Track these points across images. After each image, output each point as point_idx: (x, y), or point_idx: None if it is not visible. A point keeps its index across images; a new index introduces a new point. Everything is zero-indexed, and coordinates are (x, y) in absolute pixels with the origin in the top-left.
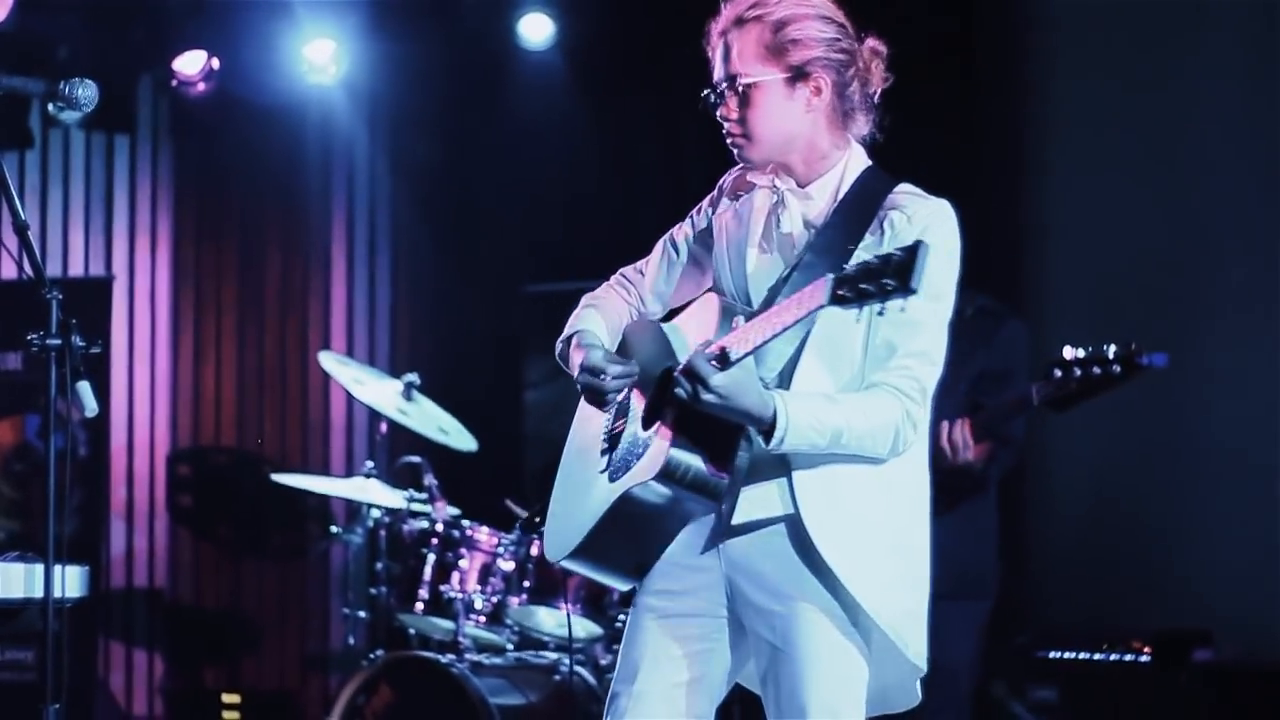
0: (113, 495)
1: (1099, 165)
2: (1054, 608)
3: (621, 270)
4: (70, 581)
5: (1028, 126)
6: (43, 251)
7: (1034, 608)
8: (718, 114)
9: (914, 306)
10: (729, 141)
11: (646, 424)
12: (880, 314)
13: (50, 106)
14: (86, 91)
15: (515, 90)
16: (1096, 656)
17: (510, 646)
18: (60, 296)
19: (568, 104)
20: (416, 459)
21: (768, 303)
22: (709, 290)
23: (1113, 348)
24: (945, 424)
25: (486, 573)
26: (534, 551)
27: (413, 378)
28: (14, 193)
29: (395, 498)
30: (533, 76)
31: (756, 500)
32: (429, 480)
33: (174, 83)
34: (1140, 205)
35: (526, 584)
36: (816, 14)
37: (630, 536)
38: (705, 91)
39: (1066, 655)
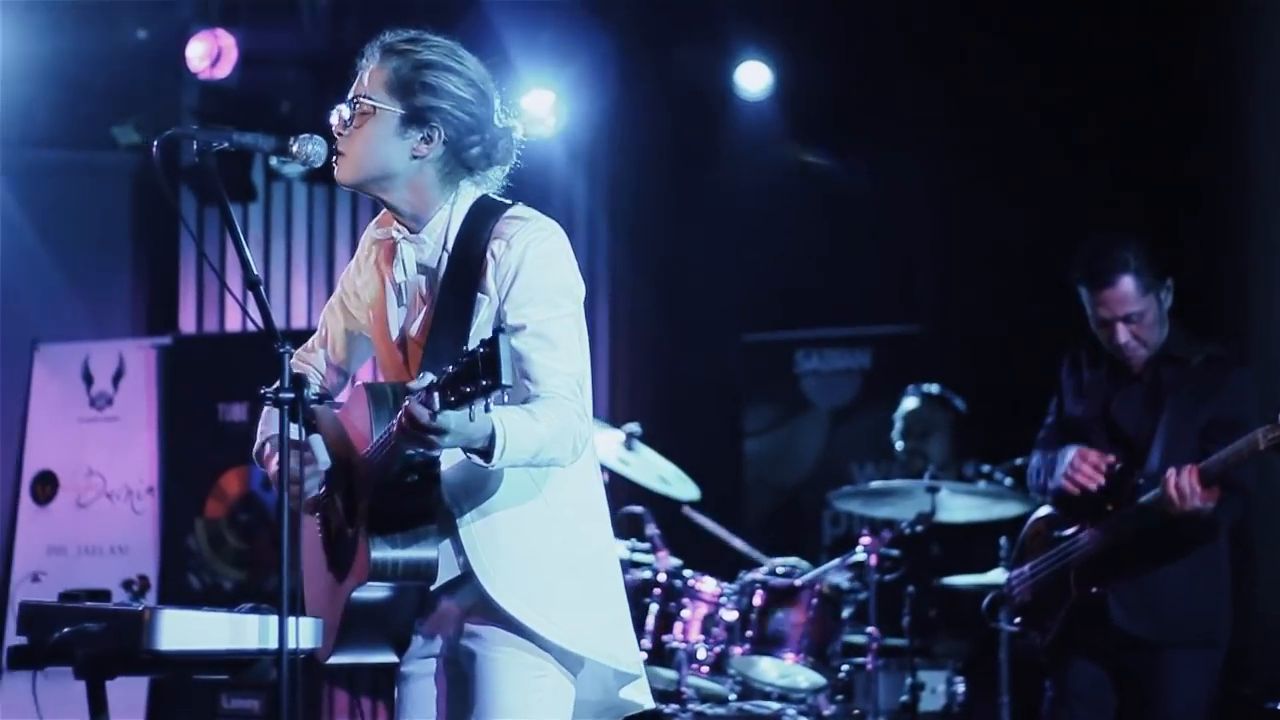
0: None
1: None
2: None
3: (298, 351)
4: (304, 633)
5: (1253, 172)
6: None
7: (1262, 657)
8: (334, 127)
9: (535, 321)
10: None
11: (349, 522)
12: (510, 339)
13: (274, 161)
14: (316, 148)
15: (732, 139)
16: None
17: (733, 696)
18: (292, 350)
19: (784, 153)
20: (638, 509)
21: (429, 354)
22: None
23: None
24: (1173, 471)
25: (709, 622)
26: (757, 601)
27: (634, 427)
28: (247, 249)
29: (618, 547)
30: (749, 126)
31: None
32: (651, 530)
33: None
34: None
35: (749, 633)
36: (462, 73)
37: (378, 624)
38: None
39: None
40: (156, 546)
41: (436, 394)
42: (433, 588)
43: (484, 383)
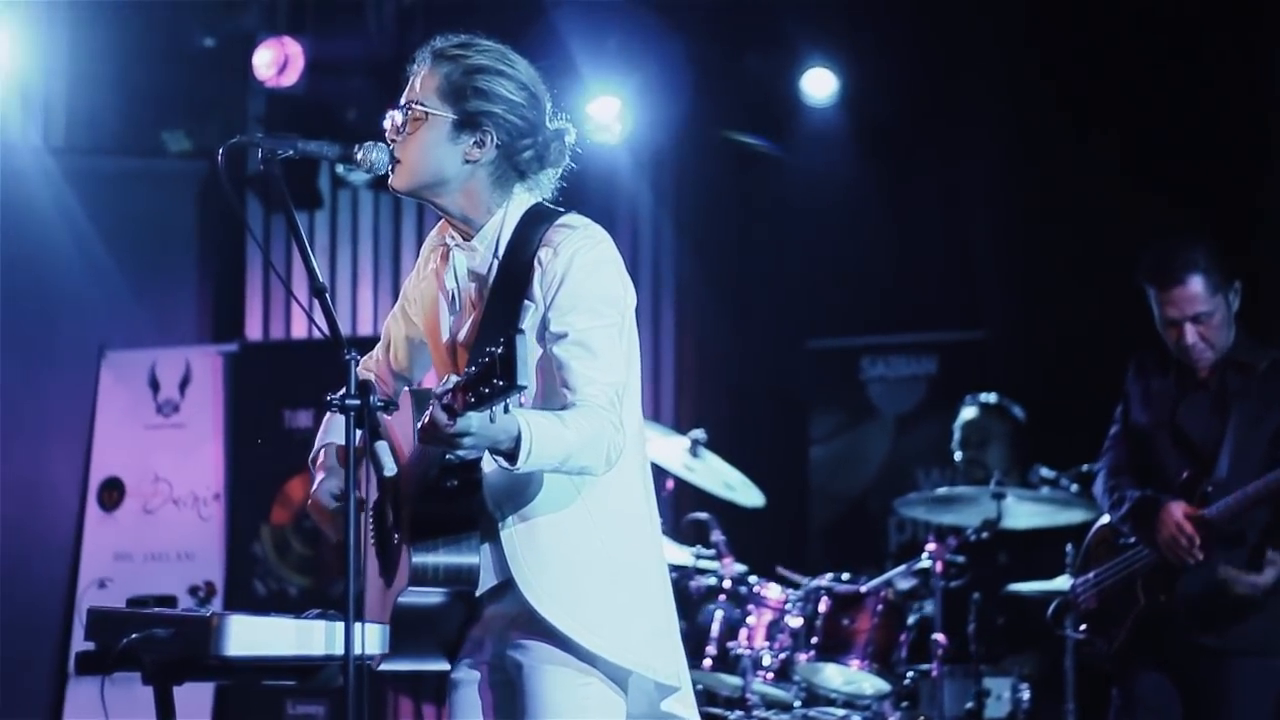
0: None
1: None
2: None
3: (363, 359)
4: (370, 639)
5: None
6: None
7: None
8: (387, 133)
9: (577, 329)
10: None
11: (396, 528)
12: (551, 347)
13: (339, 168)
14: (380, 155)
15: (798, 146)
16: None
17: (798, 703)
18: (359, 357)
19: (850, 159)
20: (703, 515)
21: (474, 360)
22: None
23: None
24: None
25: (774, 629)
26: (822, 608)
27: (699, 434)
28: (313, 257)
29: (683, 554)
30: (815, 132)
31: (483, 569)
32: (716, 536)
33: None
34: None
35: (814, 640)
36: (513, 76)
37: (425, 631)
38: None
39: None
40: (222, 553)
41: (457, 396)
42: (478, 594)
43: (499, 384)
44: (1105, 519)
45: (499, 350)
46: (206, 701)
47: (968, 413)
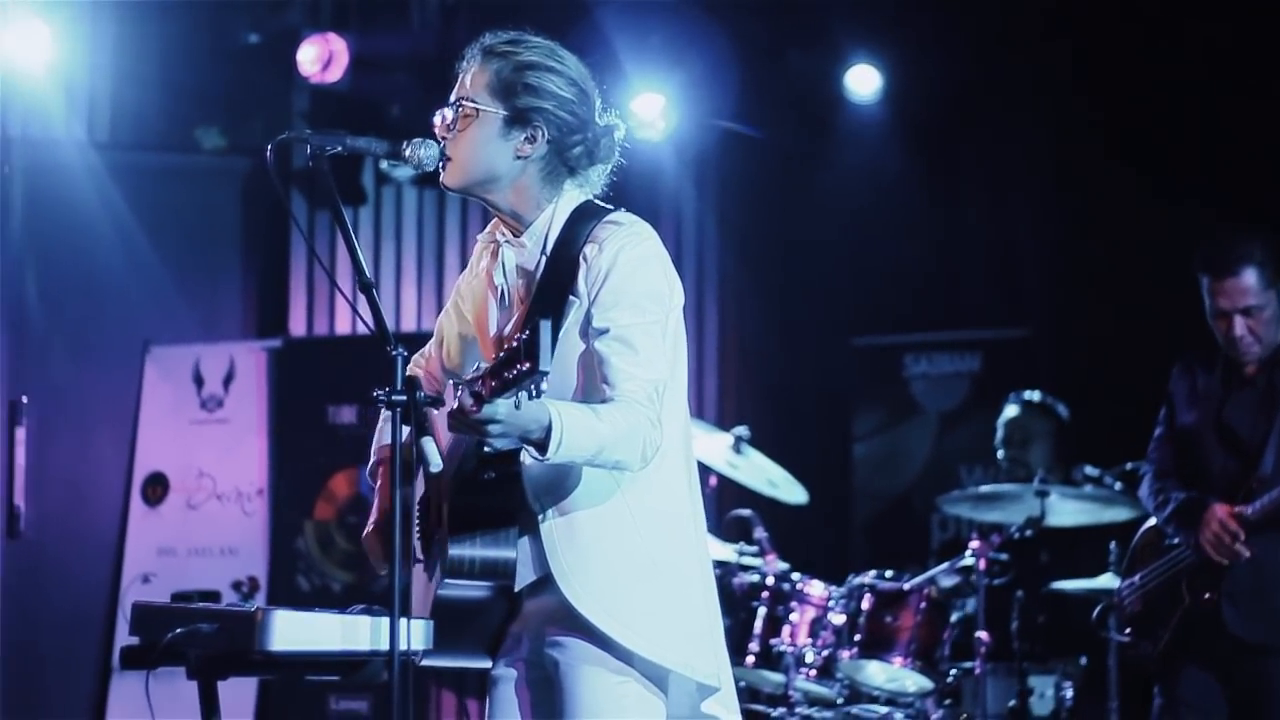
0: None
1: None
2: None
3: (415, 356)
4: (415, 634)
5: None
6: None
7: None
8: (437, 130)
9: (619, 325)
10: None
11: (438, 522)
12: (594, 342)
13: (384, 164)
14: (428, 151)
15: (841, 143)
16: None
17: (840, 700)
18: (405, 353)
19: (894, 156)
20: (746, 512)
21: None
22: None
23: None
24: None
25: (817, 626)
26: (865, 605)
27: (742, 431)
28: (360, 252)
29: (726, 551)
30: (859, 129)
31: (521, 564)
32: (759, 533)
33: None
34: None
35: (857, 637)
36: (562, 72)
37: (465, 626)
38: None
39: None
40: (266, 548)
41: (485, 383)
42: (516, 588)
43: (522, 368)
44: (1151, 521)
45: (524, 336)
46: (249, 697)
47: (1011, 411)
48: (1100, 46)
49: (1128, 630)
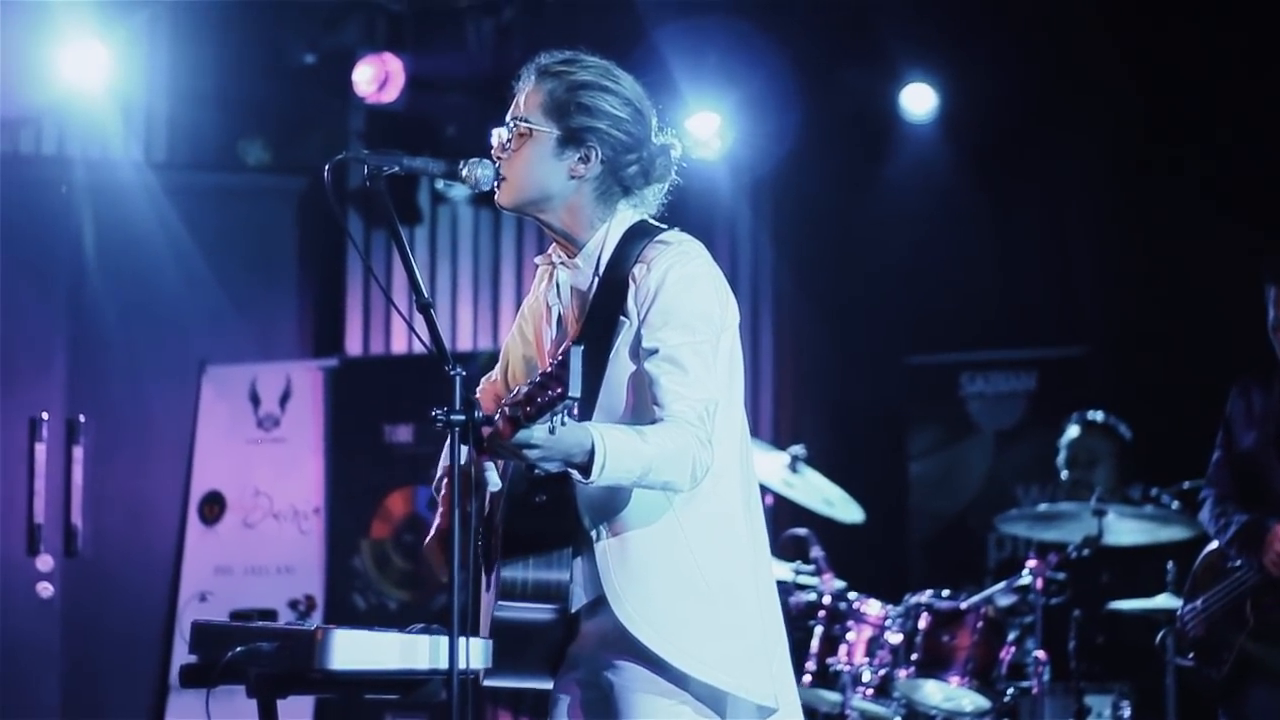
0: None
1: None
2: None
3: (482, 380)
4: (474, 653)
5: None
6: None
7: None
8: (493, 149)
9: (669, 345)
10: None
11: (496, 543)
12: (643, 363)
13: (440, 184)
14: (485, 171)
15: (896, 162)
16: None
17: (897, 719)
18: (464, 373)
19: (949, 174)
20: (803, 531)
21: None
22: None
23: None
24: None
25: (874, 645)
26: (922, 624)
27: (799, 450)
28: (417, 272)
29: (782, 570)
30: (915, 148)
31: (576, 585)
32: (815, 552)
33: None
34: None
35: (914, 656)
36: (617, 92)
37: (523, 647)
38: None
39: None
40: (322, 567)
41: (521, 408)
42: (573, 610)
43: (554, 393)
44: (1213, 545)
45: (554, 364)
46: (306, 714)
47: (1073, 431)
48: (1158, 61)
49: (1190, 655)
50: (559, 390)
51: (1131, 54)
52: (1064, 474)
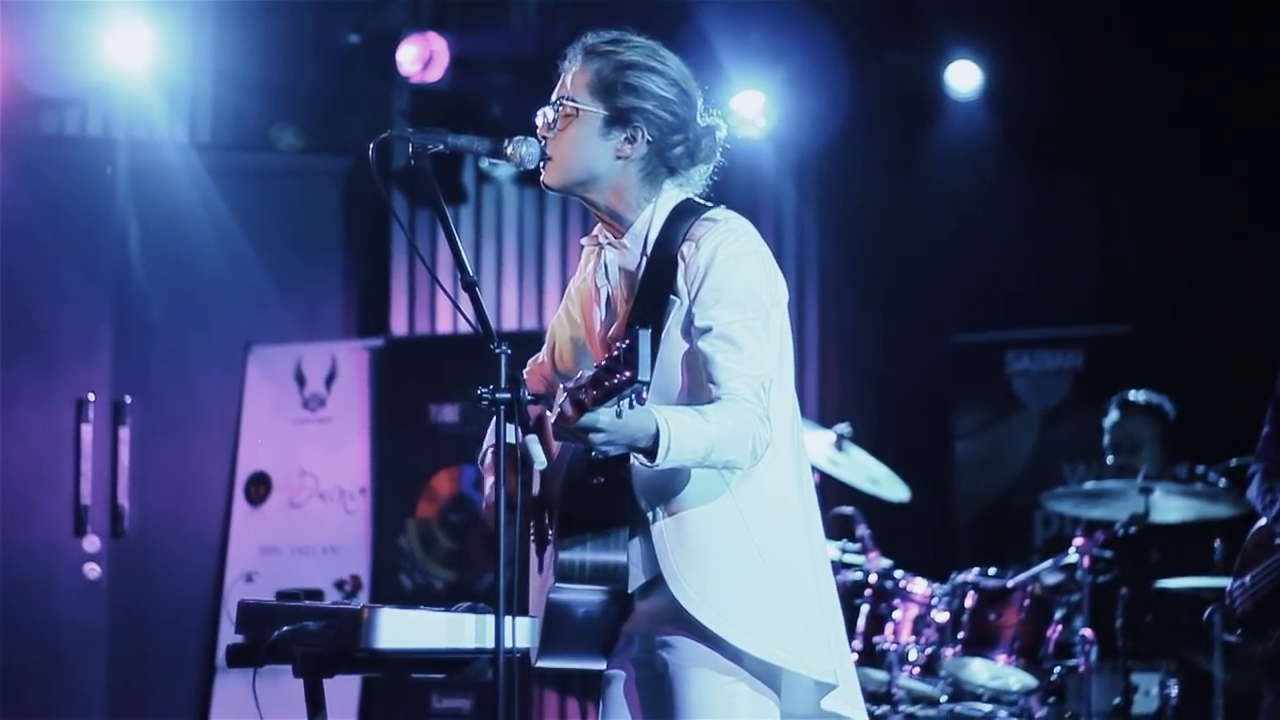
0: None
1: None
2: None
3: (529, 362)
4: (520, 633)
5: None
6: None
7: None
8: (539, 129)
9: (721, 323)
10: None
11: (551, 524)
12: (697, 341)
13: (484, 163)
14: (530, 149)
15: (942, 140)
16: None
17: (944, 698)
18: (509, 351)
19: (995, 152)
20: (849, 509)
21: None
22: None
23: None
24: None
25: (920, 623)
26: (968, 602)
27: (844, 428)
28: (463, 251)
29: (829, 548)
30: (960, 126)
31: (633, 565)
32: (861, 530)
33: None
34: None
35: (961, 635)
36: (664, 72)
37: (579, 628)
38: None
39: None
40: (368, 547)
41: (586, 391)
42: (630, 590)
43: (621, 378)
44: (1262, 521)
45: (623, 344)
46: (353, 694)
47: (1115, 415)
48: (1205, 38)
49: (1238, 631)
50: (628, 374)
51: (1179, 31)
52: (1110, 459)
